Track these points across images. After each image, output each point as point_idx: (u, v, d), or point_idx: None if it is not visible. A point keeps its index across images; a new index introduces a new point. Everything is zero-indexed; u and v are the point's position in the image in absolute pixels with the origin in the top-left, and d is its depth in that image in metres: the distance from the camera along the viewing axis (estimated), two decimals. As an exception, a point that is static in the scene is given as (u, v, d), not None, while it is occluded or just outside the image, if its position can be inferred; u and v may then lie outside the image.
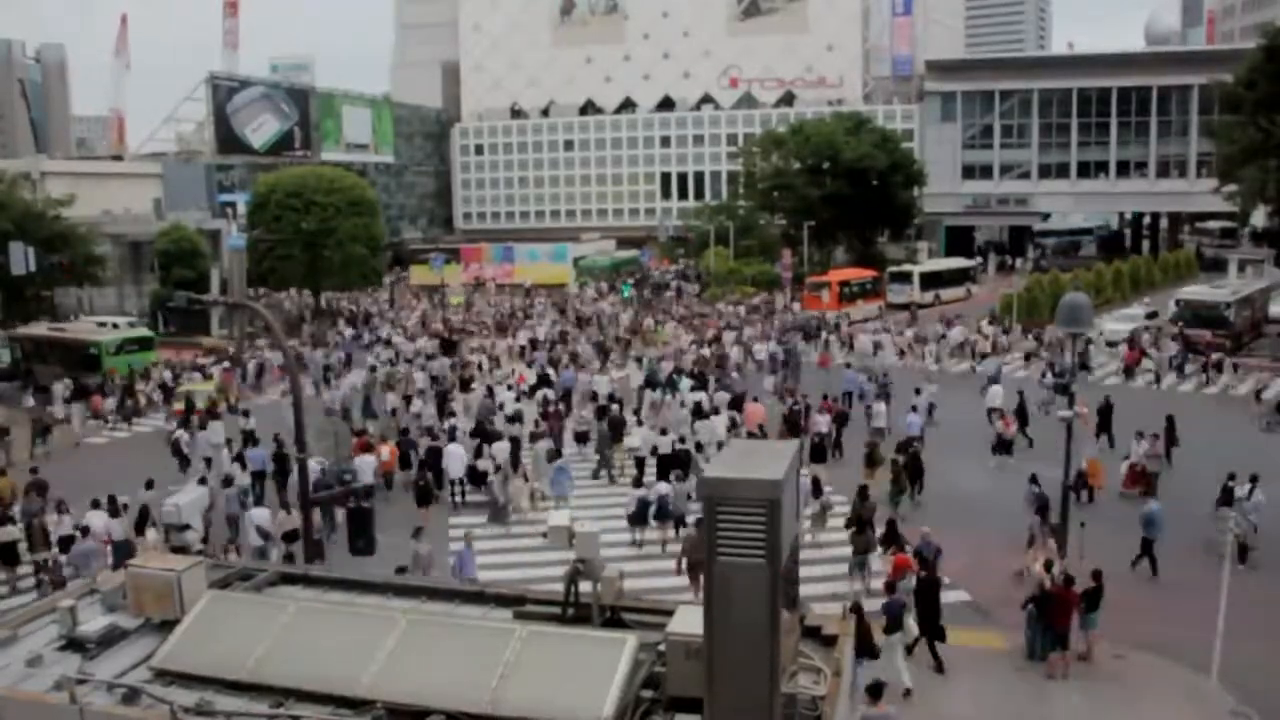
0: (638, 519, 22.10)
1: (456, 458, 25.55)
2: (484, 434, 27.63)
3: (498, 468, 25.03)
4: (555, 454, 25.89)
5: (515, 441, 26.92)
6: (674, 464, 24.50)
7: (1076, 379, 26.02)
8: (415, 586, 9.13)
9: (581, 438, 28.89)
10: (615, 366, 39.42)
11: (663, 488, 22.59)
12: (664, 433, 26.74)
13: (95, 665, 7.61)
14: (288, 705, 6.92)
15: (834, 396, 32.08)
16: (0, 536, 20.59)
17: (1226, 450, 27.09)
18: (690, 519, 20.97)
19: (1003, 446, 27.41)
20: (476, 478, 25.65)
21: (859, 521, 20.04)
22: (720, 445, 25.68)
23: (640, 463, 26.13)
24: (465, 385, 35.68)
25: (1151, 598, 18.28)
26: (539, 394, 32.93)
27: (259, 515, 21.41)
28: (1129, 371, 39.08)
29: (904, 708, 13.94)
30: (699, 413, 29.62)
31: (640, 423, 29.24)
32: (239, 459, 26.01)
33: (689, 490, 22.10)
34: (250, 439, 28.51)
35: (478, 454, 26.06)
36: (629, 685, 6.76)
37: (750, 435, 27.84)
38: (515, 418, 29.36)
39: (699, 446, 26.20)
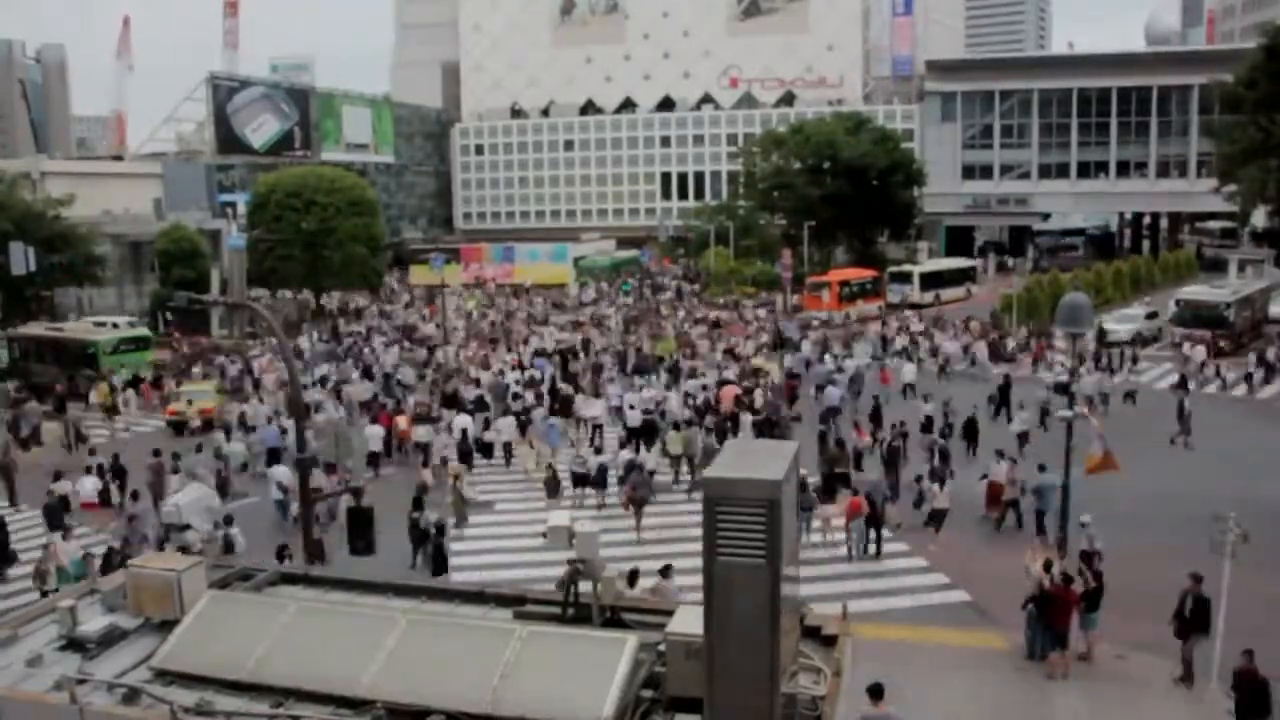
0: (598, 483, 24.29)
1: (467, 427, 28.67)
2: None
3: (506, 443, 28.58)
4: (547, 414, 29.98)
5: (518, 415, 30.25)
6: (642, 434, 27.98)
7: (1077, 379, 26.06)
8: (415, 586, 9.13)
9: (579, 479, 24.83)
10: (648, 386, 34.31)
11: (625, 455, 25.04)
12: (632, 407, 29.85)
13: (95, 665, 7.61)
14: (288, 705, 6.92)
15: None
16: (57, 489, 23.64)
17: (1228, 451, 27.15)
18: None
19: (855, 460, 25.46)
20: (484, 449, 28.65)
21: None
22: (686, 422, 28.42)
23: (597, 431, 29.45)
24: (450, 401, 32.28)
25: (1152, 598, 18.27)
26: (525, 374, 36.97)
27: (280, 472, 23.39)
28: (1035, 364, 40.17)
29: (903, 707, 13.93)
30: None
31: (598, 395, 32.53)
32: (225, 430, 29.56)
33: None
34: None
35: (486, 427, 29.30)
36: (629, 685, 6.76)
37: (721, 416, 29.50)
38: (519, 395, 32.70)
39: (663, 414, 29.87)
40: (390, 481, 26.11)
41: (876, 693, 12.09)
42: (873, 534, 21.05)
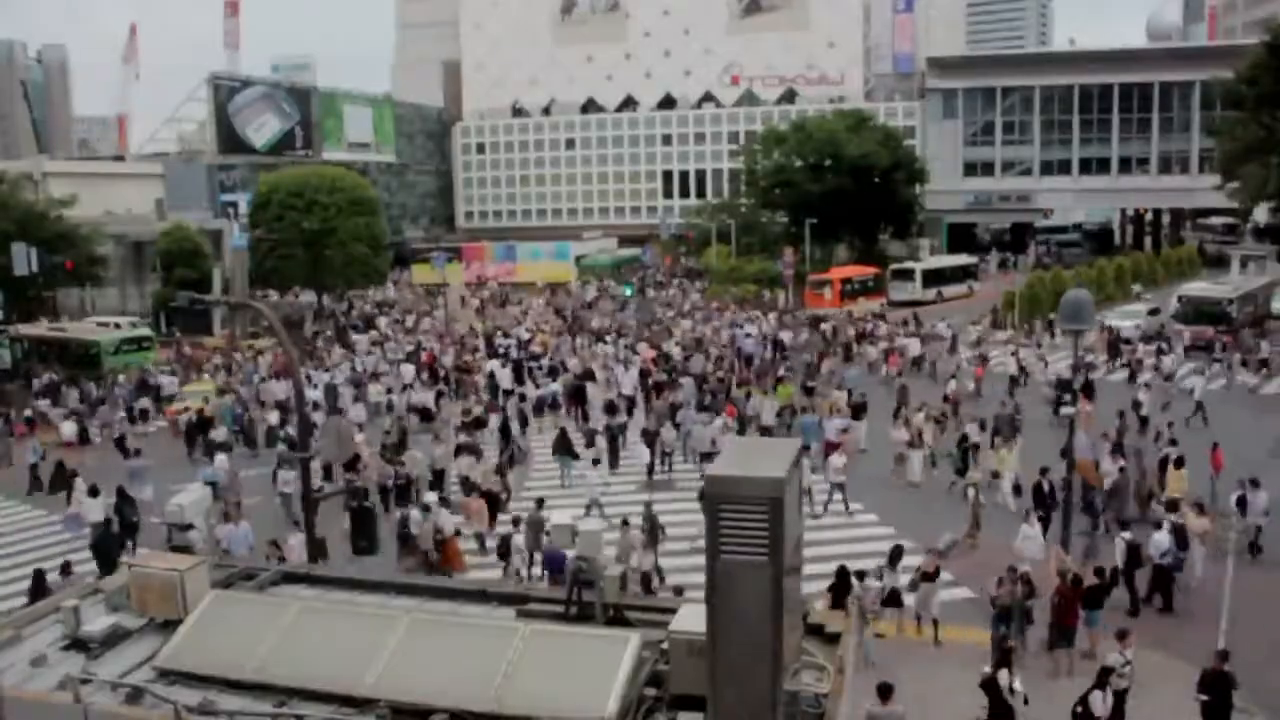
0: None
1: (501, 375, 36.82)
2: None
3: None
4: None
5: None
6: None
7: (1080, 376, 26.06)
8: (418, 585, 9.14)
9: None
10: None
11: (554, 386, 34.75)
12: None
13: (99, 665, 7.61)
14: (291, 704, 6.91)
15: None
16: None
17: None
18: None
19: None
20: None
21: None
22: None
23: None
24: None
25: (1155, 595, 18.27)
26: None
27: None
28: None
29: (907, 704, 13.94)
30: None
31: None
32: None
33: None
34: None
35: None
36: (632, 683, 6.76)
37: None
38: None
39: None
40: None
41: (885, 692, 12.17)
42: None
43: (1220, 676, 13.39)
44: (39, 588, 17.39)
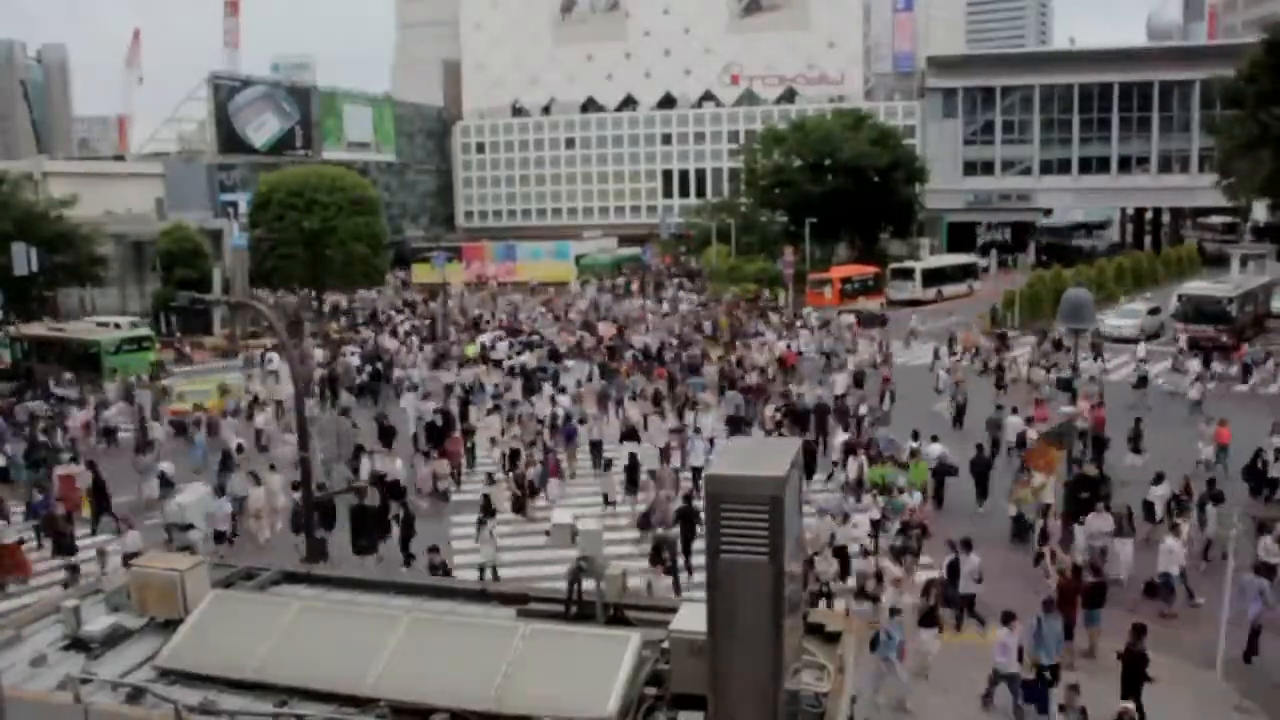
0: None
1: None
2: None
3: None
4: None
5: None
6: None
7: (1079, 375, 26.08)
8: (418, 585, 9.15)
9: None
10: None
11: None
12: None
13: (99, 665, 7.61)
14: (292, 704, 6.92)
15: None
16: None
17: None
18: None
19: None
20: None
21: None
22: None
23: None
24: None
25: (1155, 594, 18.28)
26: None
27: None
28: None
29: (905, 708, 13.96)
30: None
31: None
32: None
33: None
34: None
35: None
36: (633, 682, 6.76)
37: None
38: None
39: None
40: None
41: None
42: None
43: (1135, 654, 13.36)
44: None
